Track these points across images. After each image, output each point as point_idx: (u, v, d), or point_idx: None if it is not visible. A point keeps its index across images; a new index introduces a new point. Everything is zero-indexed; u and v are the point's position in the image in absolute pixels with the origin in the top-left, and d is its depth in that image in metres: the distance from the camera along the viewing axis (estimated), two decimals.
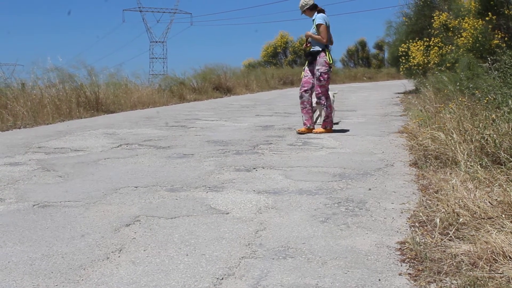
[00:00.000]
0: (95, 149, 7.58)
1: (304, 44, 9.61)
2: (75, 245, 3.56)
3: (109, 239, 3.69)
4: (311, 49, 9.25)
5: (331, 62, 9.17)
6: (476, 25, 15.44)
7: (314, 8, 9.28)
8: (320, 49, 9.15)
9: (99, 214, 4.29)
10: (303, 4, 9.31)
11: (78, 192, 5.06)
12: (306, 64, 9.46)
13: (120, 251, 3.44)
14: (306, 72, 9.41)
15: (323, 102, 9.23)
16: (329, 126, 9.33)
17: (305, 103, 9.35)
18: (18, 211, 4.43)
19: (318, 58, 9.13)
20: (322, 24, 9.05)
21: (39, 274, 3.07)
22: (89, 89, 14.16)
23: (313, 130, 9.29)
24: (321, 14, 9.18)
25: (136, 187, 5.24)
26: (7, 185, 5.38)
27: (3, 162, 6.60)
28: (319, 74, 9.11)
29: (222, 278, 2.99)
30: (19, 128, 10.63)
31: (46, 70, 14.34)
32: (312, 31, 9.17)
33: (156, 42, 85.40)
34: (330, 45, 9.35)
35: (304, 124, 9.37)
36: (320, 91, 9.20)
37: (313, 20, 9.19)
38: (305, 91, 9.34)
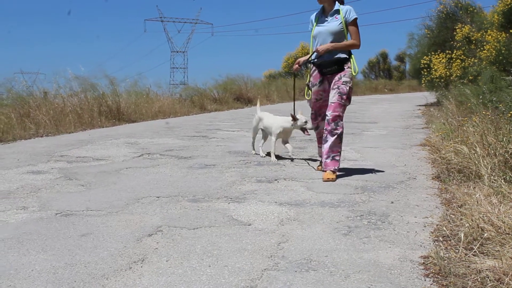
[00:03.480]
0: (117, 159, 7.61)
1: (306, 58, 6.66)
2: (98, 254, 3.57)
3: (132, 249, 3.69)
4: (336, 56, 6.27)
5: (356, 72, 6.37)
6: (499, 38, 15.35)
7: None
8: (347, 56, 6.32)
9: (122, 224, 4.30)
10: None
11: (101, 201, 5.09)
12: (310, 79, 6.60)
13: (143, 261, 3.44)
14: (317, 94, 6.53)
15: (339, 130, 6.22)
16: (337, 167, 6.32)
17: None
18: (41, 219, 4.46)
19: (345, 67, 6.27)
20: (357, 19, 6.31)
21: (62, 283, 3.08)
22: (111, 98, 14.26)
23: (324, 175, 6.19)
24: (349, 6, 6.35)
25: (158, 197, 5.25)
26: (30, 193, 5.41)
27: (26, 170, 6.65)
28: (347, 89, 6.19)
29: None
30: (41, 136, 10.72)
31: (68, 79, 14.49)
32: (335, 26, 6.21)
33: (177, 52, 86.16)
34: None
35: (338, 167, 6.44)
36: (339, 112, 6.19)
37: (335, 11, 6.30)
38: (323, 119, 6.49)
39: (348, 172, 6.57)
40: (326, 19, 6.37)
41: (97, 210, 4.75)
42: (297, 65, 6.64)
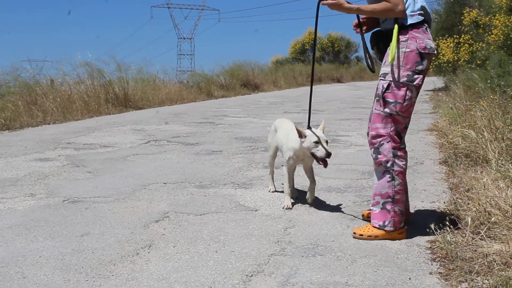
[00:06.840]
0: (124, 145, 7.62)
1: (357, 29, 3.93)
2: (105, 241, 3.58)
3: (139, 235, 3.70)
4: (385, 27, 3.71)
5: (393, 58, 3.54)
6: (507, 22, 15.22)
7: None
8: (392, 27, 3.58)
9: (129, 210, 4.31)
10: None
11: (108, 188, 5.10)
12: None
13: (150, 247, 3.46)
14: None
15: (383, 158, 3.65)
16: (388, 222, 3.64)
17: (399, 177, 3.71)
18: (49, 206, 4.47)
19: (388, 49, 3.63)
20: None
21: (69, 269, 3.09)
22: (118, 85, 14.22)
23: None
24: None
25: (165, 183, 5.26)
26: (37, 180, 5.43)
27: (33, 158, 6.66)
28: (383, 87, 3.63)
29: (252, 275, 2.99)
30: (49, 124, 10.72)
31: (75, 66, 14.47)
32: None
33: (184, 38, 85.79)
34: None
35: (394, 223, 3.63)
36: (378, 129, 3.67)
37: None
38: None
39: (355, 157, 6.56)
40: None
41: (104, 196, 4.77)
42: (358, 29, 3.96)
